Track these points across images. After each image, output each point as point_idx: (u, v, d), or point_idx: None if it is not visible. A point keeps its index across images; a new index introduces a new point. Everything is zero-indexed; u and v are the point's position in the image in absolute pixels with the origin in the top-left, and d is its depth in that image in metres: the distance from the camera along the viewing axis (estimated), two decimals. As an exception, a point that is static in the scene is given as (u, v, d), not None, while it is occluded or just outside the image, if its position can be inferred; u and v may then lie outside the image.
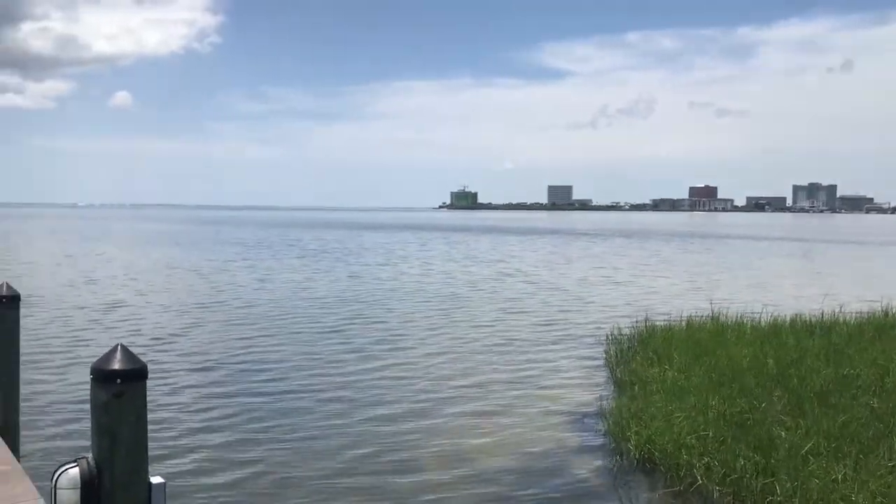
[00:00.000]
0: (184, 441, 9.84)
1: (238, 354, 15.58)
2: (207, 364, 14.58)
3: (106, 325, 18.90)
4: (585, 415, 11.45)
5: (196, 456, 9.32)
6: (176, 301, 23.93)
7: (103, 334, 17.53)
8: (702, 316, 17.37)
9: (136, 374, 3.74)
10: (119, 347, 3.78)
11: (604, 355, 15.44)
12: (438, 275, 34.40)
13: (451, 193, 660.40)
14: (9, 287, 6.47)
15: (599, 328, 18.84)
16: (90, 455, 3.75)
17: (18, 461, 8.01)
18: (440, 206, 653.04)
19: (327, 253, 50.47)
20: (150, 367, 3.62)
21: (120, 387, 3.68)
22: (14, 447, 6.02)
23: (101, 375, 3.67)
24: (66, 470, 3.65)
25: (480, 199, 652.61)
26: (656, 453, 9.09)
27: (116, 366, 3.69)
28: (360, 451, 9.59)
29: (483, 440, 10.22)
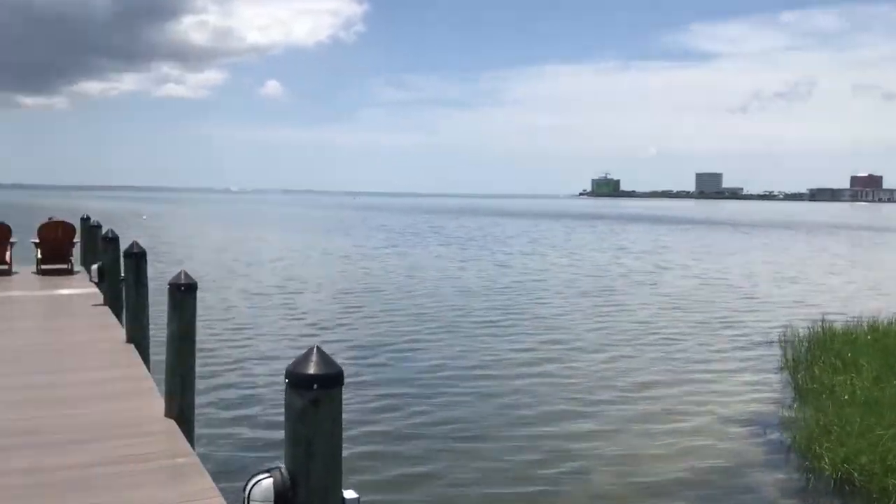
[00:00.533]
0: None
1: (398, 348, 15.34)
2: (367, 358, 14.48)
3: (268, 311, 19.38)
4: (764, 424, 10.53)
5: (362, 458, 9.03)
6: (334, 288, 24.39)
7: (266, 320, 18.02)
8: (886, 319, 15.79)
9: (332, 380, 3.43)
10: (315, 350, 3.48)
11: (777, 358, 14.32)
12: (589, 266, 33.42)
13: (592, 181, 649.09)
14: (187, 275, 6.45)
15: (770, 327, 17.59)
16: (283, 465, 3.48)
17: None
18: (580, 194, 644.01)
19: (473, 241, 50.42)
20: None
21: (316, 393, 3.38)
22: (190, 438, 5.98)
23: (298, 380, 3.38)
24: (259, 481, 3.40)
25: (623, 187, 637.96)
26: (856, 474, 8.16)
27: (313, 370, 3.39)
28: (527, 458, 9.12)
29: (655, 448, 9.55)
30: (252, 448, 9.04)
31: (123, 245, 12.50)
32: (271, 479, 3.39)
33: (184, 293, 6.31)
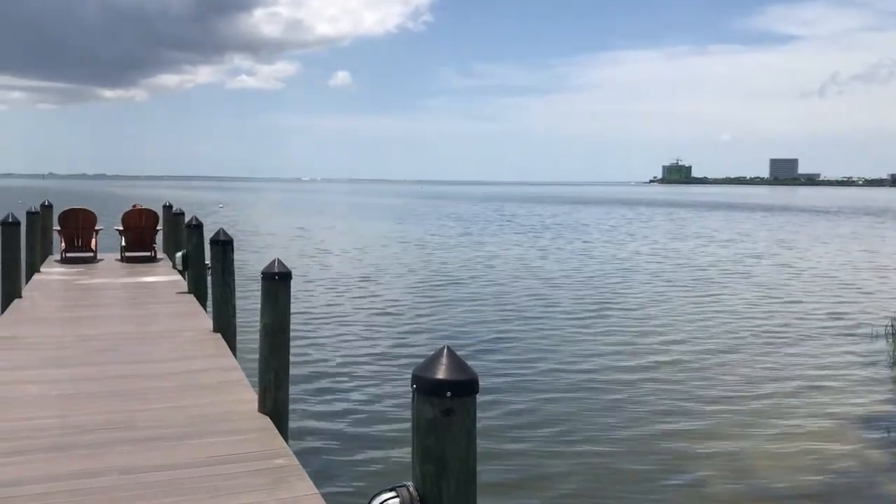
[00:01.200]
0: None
1: (491, 343, 14.67)
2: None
3: (352, 301, 19.09)
4: (886, 424, 9.72)
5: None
6: (413, 278, 24.03)
7: (350, 309, 17.78)
8: None
9: (467, 387, 2.97)
10: (446, 352, 3.02)
11: (888, 352, 13.39)
12: (671, 254, 32.26)
13: (663, 167, 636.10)
14: (280, 264, 6.09)
15: (875, 319, 16.53)
16: (410, 483, 3.04)
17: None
18: (651, 181, 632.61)
19: (548, 229, 49.27)
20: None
21: (450, 402, 2.93)
22: (285, 436, 5.64)
23: (429, 387, 2.93)
24: (385, 500, 2.97)
25: (695, 173, 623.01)
26: None
27: (445, 375, 2.93)
28: (641, 463, 8.50)
29: (770, 451, 8.85)
30: (350, 450, 8.62)
31: (207, 233, 12.47)
32: (398, 500, 2.97)
33: (278, 283, 5.95)
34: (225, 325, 8.72)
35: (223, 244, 8.97)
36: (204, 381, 6.81)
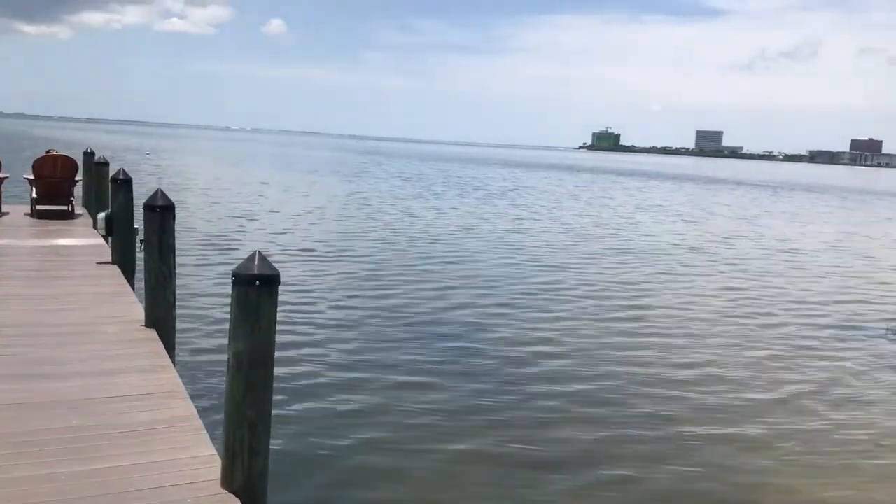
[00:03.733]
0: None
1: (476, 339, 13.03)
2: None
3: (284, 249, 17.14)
4: None
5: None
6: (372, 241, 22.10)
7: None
8: None
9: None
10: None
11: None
12: (647, 229, 30.45)
13: (593, 134, 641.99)
14: (263, 260, 4.11)
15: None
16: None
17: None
18: (580, 147, 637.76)
19: (508, 194, 46.70)
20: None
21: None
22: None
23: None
24: None
25: (623, 141, 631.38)
26: None
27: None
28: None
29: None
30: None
31: (138, 189, 10.30)
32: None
33: (260, 291, 3.83)
34: (161, 318, 6.71)
35: (162, 210, 6.89)
36: (132, 423, 4.68)
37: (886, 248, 29.11)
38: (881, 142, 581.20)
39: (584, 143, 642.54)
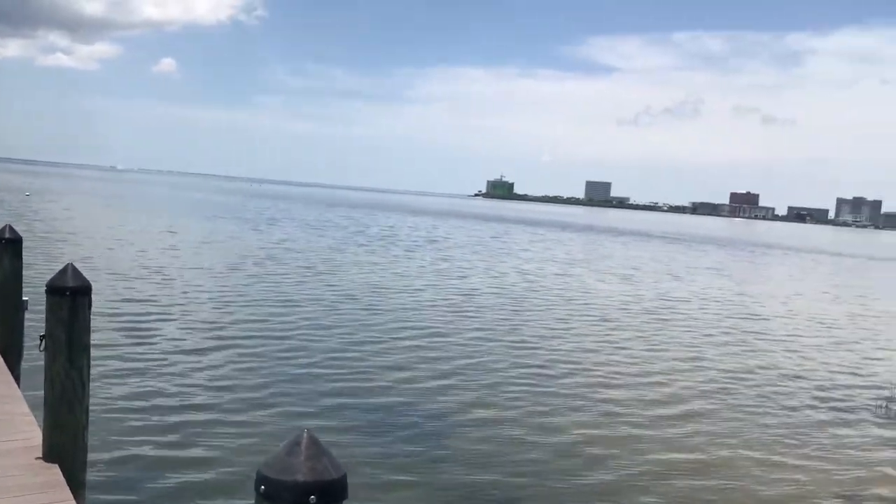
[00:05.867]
0: None
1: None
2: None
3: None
4: None
5: None
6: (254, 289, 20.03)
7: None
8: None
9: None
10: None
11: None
12: (565, 284, 29.81)
13: (488, 182, 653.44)
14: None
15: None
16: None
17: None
18: (475, 194, 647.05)
19: (418, 244, 45.50)
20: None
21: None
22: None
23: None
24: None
25: (517, 190, 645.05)
26: None
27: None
28: None
29: None
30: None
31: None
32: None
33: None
34: (67, 448, 4.76)
35: (73, 295, 4.96)
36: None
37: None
38: (757, 195, 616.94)
39: (480, 191, 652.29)
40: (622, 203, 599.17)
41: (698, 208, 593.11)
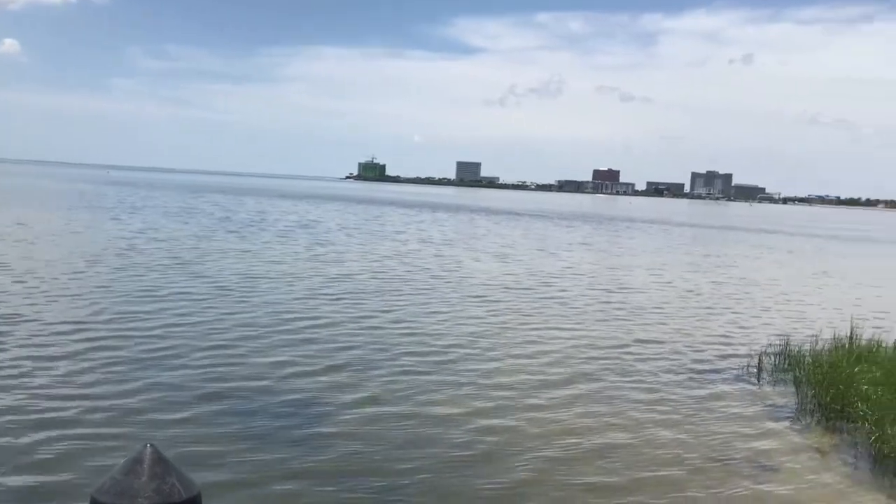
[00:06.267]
0: None
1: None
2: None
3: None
4: None
5: None
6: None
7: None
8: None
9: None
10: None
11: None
12: (445, 265, 29.61)
13: (359, 164, 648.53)
14: None
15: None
16: None
17: None
18: (347, 177, 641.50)
19: (291, 229, 44.28)
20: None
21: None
22: None
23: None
24: None
25: (389, 172, 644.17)
26: None
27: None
28: None
29: None
30: None
31: None
32: None
33: None
34: None
35: None
36: None
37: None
38: (619, 172, 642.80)
39: (351, 174, 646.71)
40: (492, 183, 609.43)
41: (564, 186, 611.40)
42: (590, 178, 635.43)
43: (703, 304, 22.34)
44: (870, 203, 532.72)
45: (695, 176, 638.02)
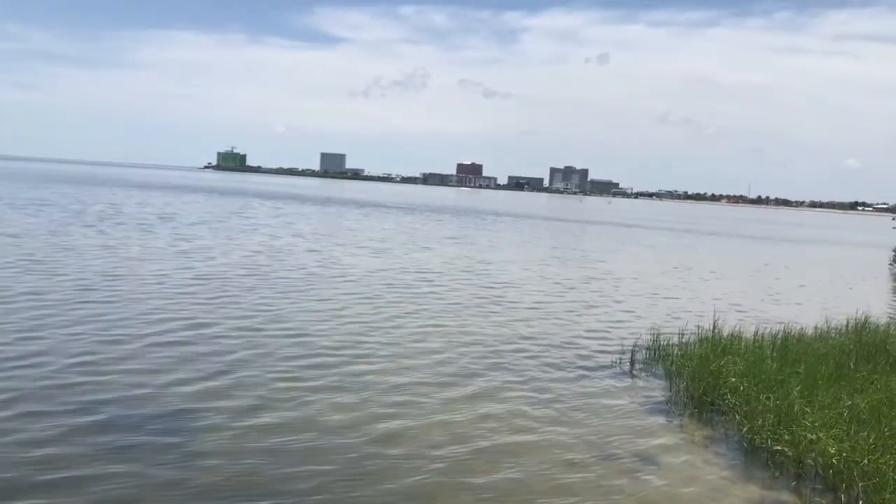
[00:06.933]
0: None
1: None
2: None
3: None
4: None
5: None
6: None
7: None
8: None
9: None
10: None
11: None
12: (319, 260, 29.03)
13: (218, 154, 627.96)
14: None
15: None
16: None
17: None
18: (206, 167, 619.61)
19: (151, 223, 42.02)
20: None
21: None
22: None
23: None
24: None
25: (249, 162, 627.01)
26: None
27: None
28: None
29: None
30: None
31: None
32: None
33: None
34: None
35: None
36: None
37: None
38: (482, 165, 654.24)
39: (210, 163, 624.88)
40: (357, 174, 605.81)
41: (428, 179, 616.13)
42: (454, 172, 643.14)
43: (578, 298, 22.98)
44: (714, 198, 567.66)
45: (553, 171, 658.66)
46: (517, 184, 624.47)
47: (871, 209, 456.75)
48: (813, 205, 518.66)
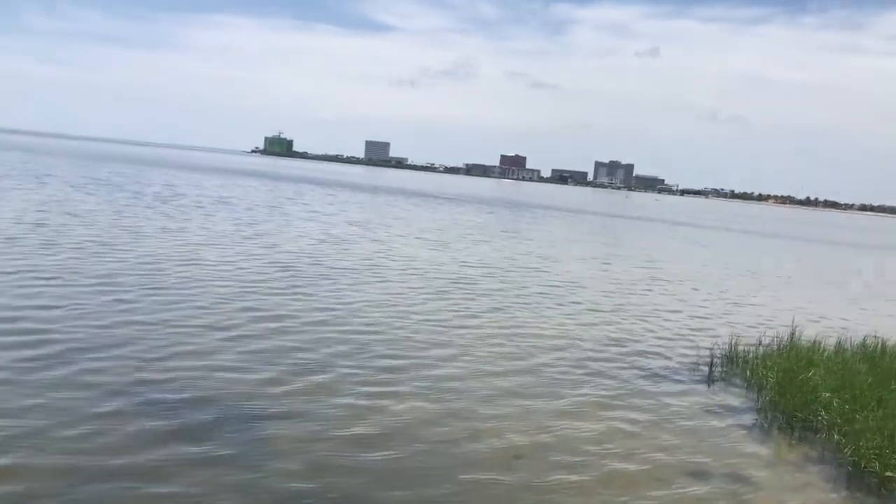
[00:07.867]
0: None
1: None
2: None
3: None
4: None
5: None
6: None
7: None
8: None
9: None
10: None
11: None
12: (384, 251, 28.91)
13: (266, 138, 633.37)
14: None
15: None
16: None
17: None
18: (253, 151, 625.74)
19: (211, 206, 42.00)
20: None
21: None
22: None
23: None
24: None
25: (296, 147, 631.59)
26: None
27: None
28: None
29: None
30: None
31: None
32: None
33: None
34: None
35: None
36: None
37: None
38: (525, 158, 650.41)
39: (257, 148, 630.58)
40: (401, 163, 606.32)
41: (472, 169, 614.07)
42: (497, 163, 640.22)
43: (648, 302, 22.56)
44: (761, 198, 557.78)
45: (598, 165, 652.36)
46: (560, 177, 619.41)
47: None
48: (863, 208, 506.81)
